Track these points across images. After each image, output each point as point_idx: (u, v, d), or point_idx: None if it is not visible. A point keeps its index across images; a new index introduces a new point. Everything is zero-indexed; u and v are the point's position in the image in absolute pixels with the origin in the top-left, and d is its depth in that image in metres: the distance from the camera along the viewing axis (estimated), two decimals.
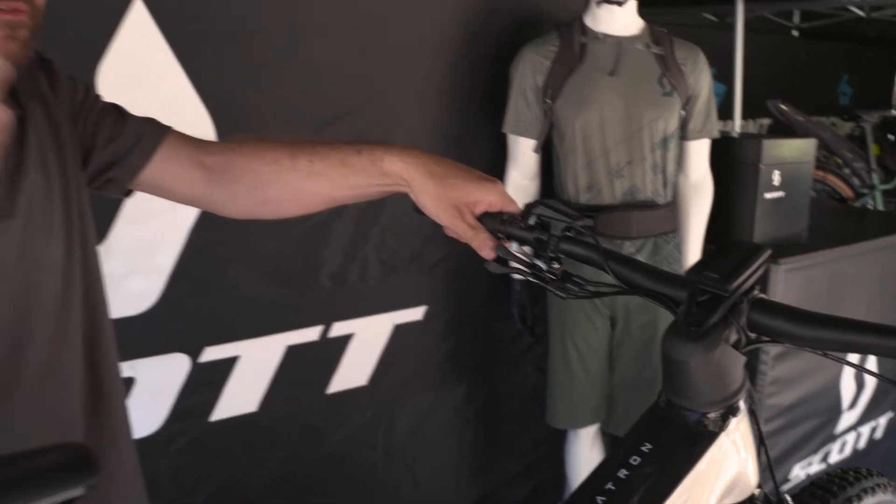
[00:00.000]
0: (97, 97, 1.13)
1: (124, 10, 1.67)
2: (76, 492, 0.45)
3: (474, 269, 2.39)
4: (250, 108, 1.90)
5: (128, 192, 1.18)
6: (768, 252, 0.81)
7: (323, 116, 2.04)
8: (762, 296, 0.78)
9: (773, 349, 2.44)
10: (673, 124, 2.19)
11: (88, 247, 1.08)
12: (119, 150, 1.11)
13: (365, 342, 2.29)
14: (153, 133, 1.14)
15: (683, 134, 2.25)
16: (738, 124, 4.66)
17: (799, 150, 2.59)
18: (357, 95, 2.09)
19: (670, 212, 2.27)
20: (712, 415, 0.78)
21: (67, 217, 1.03)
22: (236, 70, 1.87)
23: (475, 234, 1.07)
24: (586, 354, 2.28)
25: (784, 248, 2.42)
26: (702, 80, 2.23)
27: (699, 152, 2.29)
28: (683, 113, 2.21)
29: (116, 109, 1.14)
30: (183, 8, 1.76)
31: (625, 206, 2.19)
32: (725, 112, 4.87)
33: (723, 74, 5.36)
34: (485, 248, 1.06)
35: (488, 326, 2.57)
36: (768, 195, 2.48)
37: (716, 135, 2.30)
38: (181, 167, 1.14)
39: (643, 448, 0.77)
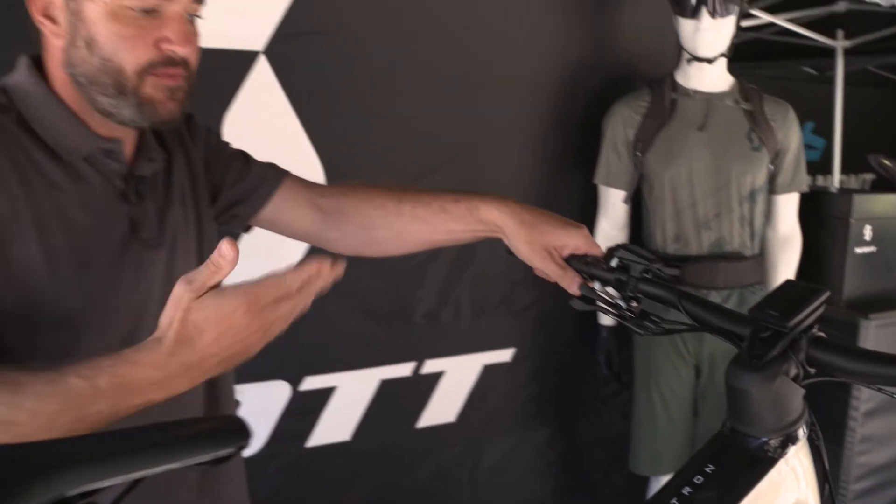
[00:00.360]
0: (227, 144, 1.30)
1: (251, 65, 1.87)
2: (231, 450, 0.57)
3: (562, 315, 2.49)
4: (357, 155, 2.07)
5: (248, 228, 1.34)
6: (826, 293, 0.87)
7: (424, 165, 2.19)
8: (821, 333, 0.85)
9: (862, 406, 2.42)
10: (761, 178, 2.24)
11: None
12: (244, 191, 1.27)
13: (455, 380, 2.39)
14: (274, 176, 1.29)
15: (772, 188, 2.30)
16: (837, 179, 4.59)
17: (892, 204, 2.58)
18: (456, 146, 2.23)
19: (758, 263, 2.30)
20: (772, 441, 0.84)
21: (200, 247, 1.18)
22: (345, 120, 2.04)
23: (563, 273, 1.17)
24: (671, 401, 2.32)
25: (875, 304, 2.41)
26: (790, 135, 2.27)
27: (788, 206, 2.33)
28: (772, 167, 2.26)
29: (243, 155, 1.31)
30: (301, 64, 1.94)
31: (712, 257, 2.24)
32: (825, 166, 4.80)
33: (823, 128, 5.29)
34: (571, 285, 1.16)
35: (574, 371, 2.63)
36: (859, 250, 2.48)
37: (804, 189, 2.33)
38: (297, 207, 1.29)
39: (707, 469, 0.84)
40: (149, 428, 0.56)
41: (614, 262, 1.11)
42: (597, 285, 1.14)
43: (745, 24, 4.87)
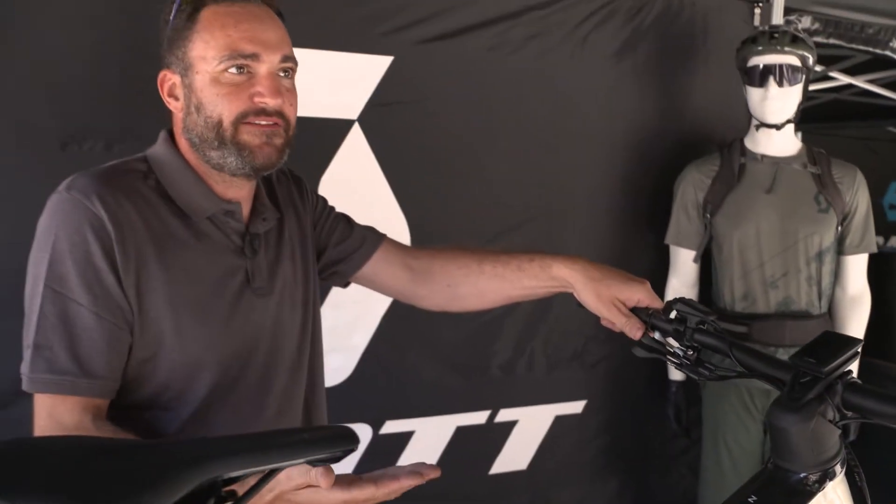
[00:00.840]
0: (332, 208, 1.48)
1: (346, 132, 2.07)
2: (344, 451, 0.72)
3: (632, 370, 2.58)
4: (440, 216, 2.23)
5: (347, 284, 1.51)
6: (860, 342, 0.97)
7: (503, 225, 2.34)
8: (855, 379, 0.94)
9: None
10: (828, 239, 2.31)
11: (316, 324, 1.39)
12: (346, 250, 1.44)
13: (527, 429, 2.49)
14: (373, 239, 1.47)
15: (841, 249, 2.36)
16: None
17: None
18: (533, 207, 2.38)
19: (825, 322, 2.35)
20: (811, 476, 0.93)
21: (305, 298, 1.34)
22: (429, 183, 2.21)
23: (627, 321, 1.29)
24: (738, 457, 2.36)
25: None
26: (858, 198, 2.34)
27: (856, 267, 2.38)
28: (840, 229, 2.32)
29: (346, 219, 1.48)
30: (390, 131, 2.13)
31: (779, 316, 2.30)
32: None
33: None
34: (634, 331, 1.28)
35: (644, 426, 2.70)
36: None
37: (873, 249, 2.38)
38: (392, 267, 1.46)
39: (750, 500, 0.93)
40: (280, 431, 0.72)
41: (673, 314, 1.22)
42: (657, 335, 1.25)
43: (826, 85, 4.91)
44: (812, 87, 5.08)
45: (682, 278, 2.48)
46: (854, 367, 0.95)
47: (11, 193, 1.75)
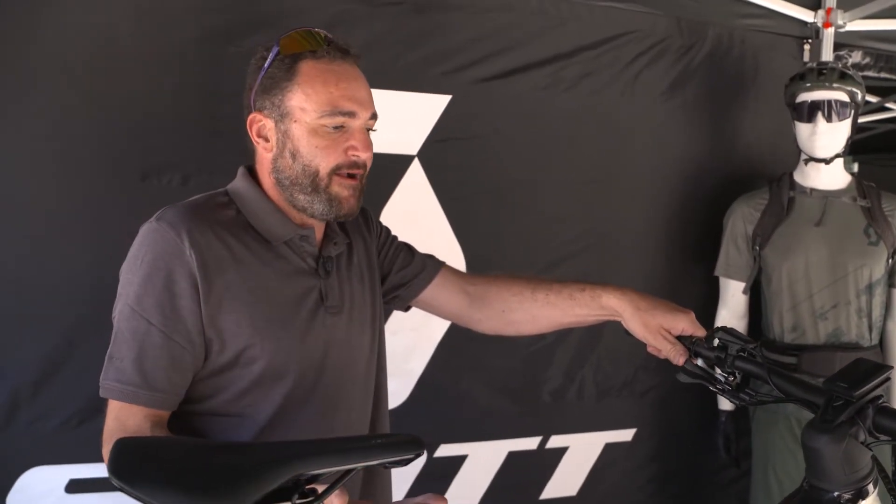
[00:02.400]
0: (395, 237, 1.59)
1: (407, 166, 2.19)
2: (409, 458, 0.82)
3: (682, 400, 2.63)
4: (494, 246, 2.33)
5: (408, 308, 1.62)
6: (891, 369, 1.03)
7: (555, 255, 2.43)
8: (886, 404, 1.00)
9: None
10: (879, 271, 2.33)
11: (382, 344, 1.50)
12: (407, 276, 1.55)
13: (577, 456, 2.54)
14: (433, 266, 1.57)
15: (892, 281, 2.38)
16: None
17: None
18: (583, 239, 2.46)
19: (875, 354, 2.37)
20: (844, 495, 0.99)
21: (373, 318, 1.45)
22: (485, 216, 2.32)
23: (672, 347, 1.38)
24: (788, 487, 2.38)
25: None
26: None
27: None
28: (890, 262, 2.35)
29: (408, 247, 1.59)
30: (447, 165, 2.25)
31: (829, 347, 2.33)
32: None
33: None
34: (678, 357, 1.36)
35: (693, 456, 2.73)
36: None
37: None
38: (450, 292, 1.57)
39: None
40: (357, 437, 0.82)
41: (715, 342, 1.30)
42: (700, 362, 1.32)
43: (882, 116, 4.89)
44: (869, 119, 5.10)
45: (732, 310, 2.52)
46: None
47: (97, 221, 1.91)
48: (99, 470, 1.93)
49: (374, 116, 1.32)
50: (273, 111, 1.29)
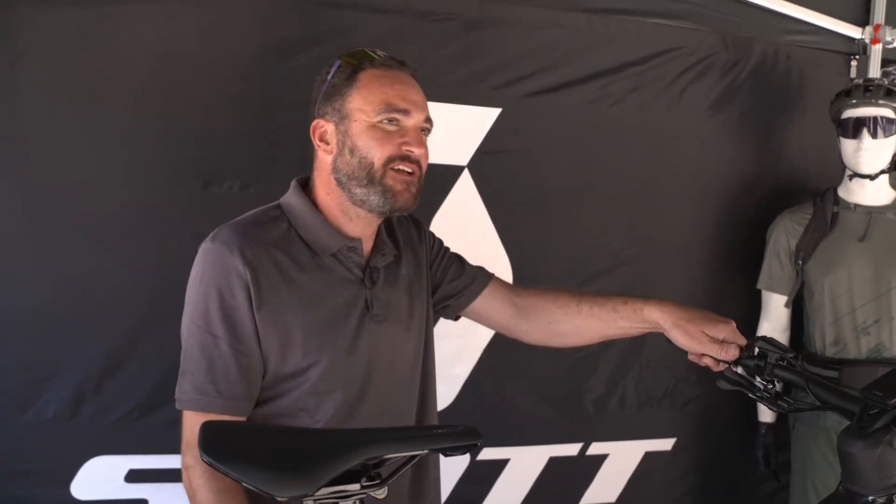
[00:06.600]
0: (447, 249, 1.66)
1: (457, 177, 2.27)
2: (471, 443, 0.89)
3: (722, 412, 2.65)
4: (541, 257, 2.39)
5: (457, 317, 1.68)
6: None
7: (599, 267, 2.47)
8: None
9: None
10: None
11: (429, 352, 1.56)
12: (458, 287, 1.62)
13: (617, 463, 2.58)
14: (483, 277, 1.64)
15: None
16: None
17: None
18: (628, 252, 2.51)
19: None
20: (878, 500, 1.03)
21: (419, 327, 1.51)
22: (532, 226, 2.38)
23: (718, 347, 1.42)
24: None
25: None
26: None
27: None
28: None
29: (458, 258, 1.66)
30: (496, 177, 2.32)
31: (870, 362, 2.34)
32: None
33: None
34: (727, 354, 1.40)
35: (732, 468, 2.75)
36: None
37: None
38: (498, 303, 1.63)
39: None
40: (421, 426, 0.89)
41: (755, 351, 1.35)
42: (740, 370, 1.37)
43: None
44: None
45: (774, 323, 2.55)
46: None
47: (162, 226, 2.01)
48: (157, 461, 2.04)
49: (428, 121, 1.39)
50: (334, 115, 1.37)
